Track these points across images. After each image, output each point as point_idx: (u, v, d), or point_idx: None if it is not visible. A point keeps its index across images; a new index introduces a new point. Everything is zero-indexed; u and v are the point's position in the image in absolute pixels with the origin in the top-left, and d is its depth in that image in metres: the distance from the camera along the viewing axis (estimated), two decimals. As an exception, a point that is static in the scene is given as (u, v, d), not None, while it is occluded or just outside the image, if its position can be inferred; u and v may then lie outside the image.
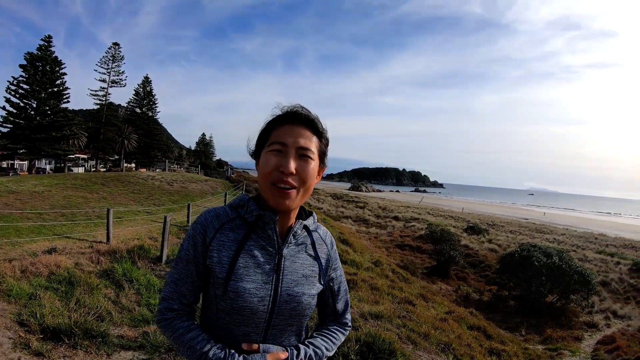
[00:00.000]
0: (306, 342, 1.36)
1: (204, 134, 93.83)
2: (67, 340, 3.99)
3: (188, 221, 14.09)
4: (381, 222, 33.17)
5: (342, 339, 1.51)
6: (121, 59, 54.88)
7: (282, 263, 1.30)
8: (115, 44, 55.08)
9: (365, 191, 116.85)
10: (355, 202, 44.13)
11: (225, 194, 20.53)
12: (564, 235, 38.34)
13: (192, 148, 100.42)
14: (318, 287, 1.38)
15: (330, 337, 1.44)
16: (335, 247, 1.53)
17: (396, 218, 35.78)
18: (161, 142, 62.47)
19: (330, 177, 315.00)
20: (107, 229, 10.24)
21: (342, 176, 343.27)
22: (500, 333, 11.61)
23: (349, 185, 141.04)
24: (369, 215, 35.37)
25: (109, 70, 54.00)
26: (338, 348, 4.81)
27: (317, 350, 1.34)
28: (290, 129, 1.27)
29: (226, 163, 75.81)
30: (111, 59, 54.17)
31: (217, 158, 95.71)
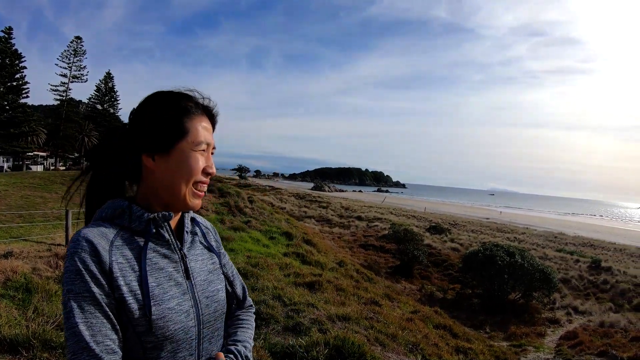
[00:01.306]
0: (231, 342, 1.27)
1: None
2: (25, 353, 3.81)
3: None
4: (344, 222, 33.22)
5: (254, 322, 1.44)
6: (83, 53, 53.51)
7: (189, 266, 1.17)
8: (78, 37, 53.72)
9: (328, 191, 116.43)
10: (319, 202, 44.22)
11: (186, 194, 20.19)
12: (524, 234, 39.34)
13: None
14: (222, 278, 1.30)
15: (248, 326, 1.38)
16: (216, 230, 1.43)
17: (359, 218, 35.93)
18: (123, 140, 61.19)
19: (293, 177, 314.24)
20: (66, 231, 9.94)
21: (305, 176, 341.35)
22: (465, 331, 11.79)
23: (311, 185, 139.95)
24: (332, 215, 35.46)
25: (70, 65, 52.50)
26: (307, 352, 4.79)
27: (246, 344, 1.27)
28: (207, 124, 1.19)
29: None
30: (73, 53, 52.72)
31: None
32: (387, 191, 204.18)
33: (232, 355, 1.19)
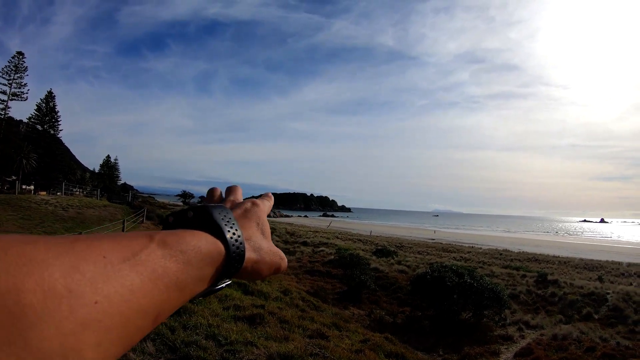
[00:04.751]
0: None
1: (108, 156, 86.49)
2: None
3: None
4: (289, 247, 33.04)
5: None
6: (24, 69, 50.86)
7: None
8: (20, 53, 51.10)
9: (273, 216, 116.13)
10: (263, 228, 43.95)
11: (124, 221, 19.07)
12: (470, 253, 39.93)
13: (97, 171, 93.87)
14: None
15: None
16: None
17: (305, 243, 35.84)
18: (63, 163, 58.45)
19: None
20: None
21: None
22: (418, 357, 11.43)
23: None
24: (277, 241, 34.86)
25: (10, 82, 49.71)
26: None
27: None
28: None
29: (131, 187, 71.96)
30: (14, 69, 49.98)
31: (123, 182, 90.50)
32: (332, 215, 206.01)
33: None
